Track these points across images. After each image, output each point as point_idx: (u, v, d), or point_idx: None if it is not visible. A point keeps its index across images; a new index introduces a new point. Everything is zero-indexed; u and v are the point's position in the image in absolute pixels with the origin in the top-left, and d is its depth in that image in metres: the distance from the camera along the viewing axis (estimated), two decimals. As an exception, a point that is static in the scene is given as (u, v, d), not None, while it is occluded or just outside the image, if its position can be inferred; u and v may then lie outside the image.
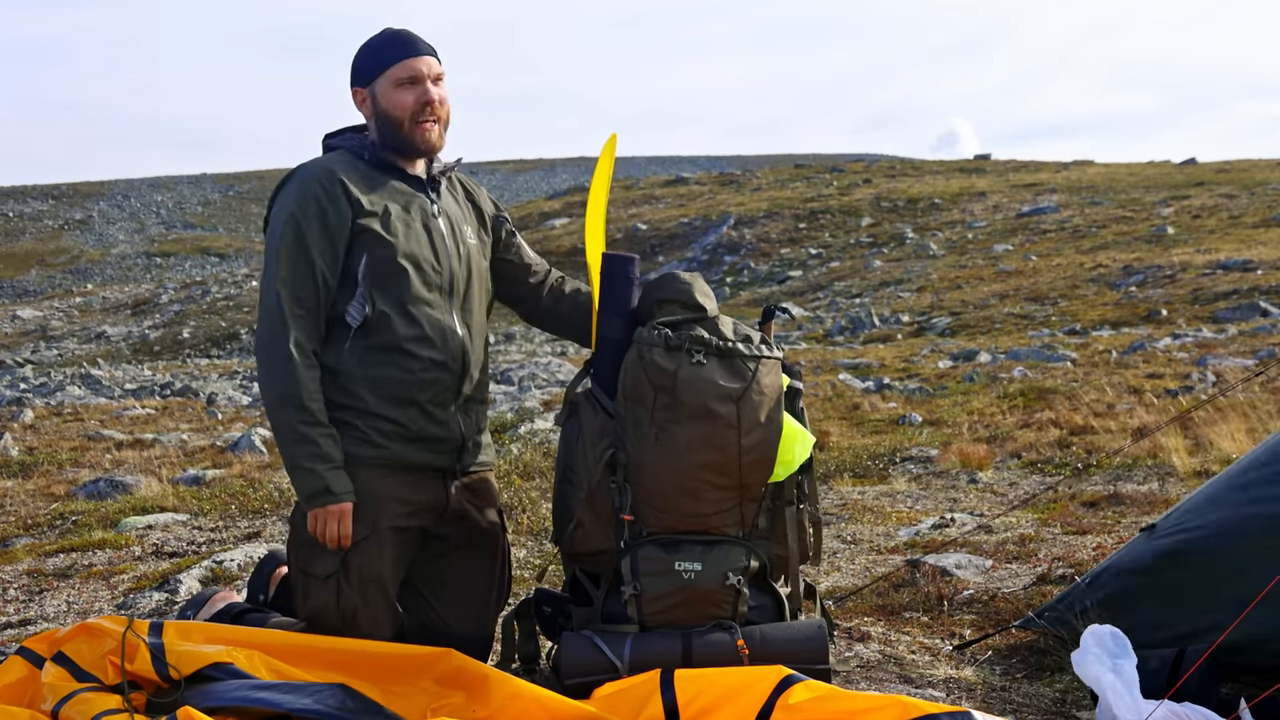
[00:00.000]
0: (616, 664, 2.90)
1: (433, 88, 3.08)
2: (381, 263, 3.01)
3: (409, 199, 3.10)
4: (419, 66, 3.06)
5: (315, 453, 2.92)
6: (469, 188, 3.34)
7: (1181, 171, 44.86)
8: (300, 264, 2.97)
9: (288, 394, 2.93)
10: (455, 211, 3.21)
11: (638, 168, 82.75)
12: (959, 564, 4.40)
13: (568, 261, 37.43)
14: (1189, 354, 13.11)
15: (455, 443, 3.11)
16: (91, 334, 40.15)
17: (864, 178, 50.03)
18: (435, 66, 3.11)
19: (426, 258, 3.06)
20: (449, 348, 3.06)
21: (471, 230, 3.23)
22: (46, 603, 4.42)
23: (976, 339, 19.56)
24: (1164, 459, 6.49)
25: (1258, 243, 26.48)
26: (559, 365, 16.56)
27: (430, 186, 3.16)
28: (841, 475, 6.97)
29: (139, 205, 78.10)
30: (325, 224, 2.98)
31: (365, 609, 3.01)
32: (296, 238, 2.98)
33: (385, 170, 3.11)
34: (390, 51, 3.08)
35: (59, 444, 9.52)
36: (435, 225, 3.11)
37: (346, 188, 3.01)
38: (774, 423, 2.99)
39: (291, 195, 3.03)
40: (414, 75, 3.06)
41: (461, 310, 3.13)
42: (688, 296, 3.08)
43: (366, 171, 3.09)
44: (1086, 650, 2.80)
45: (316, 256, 2.98)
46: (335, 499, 2.92)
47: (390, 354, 3.01)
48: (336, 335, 3.04)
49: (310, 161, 3.11)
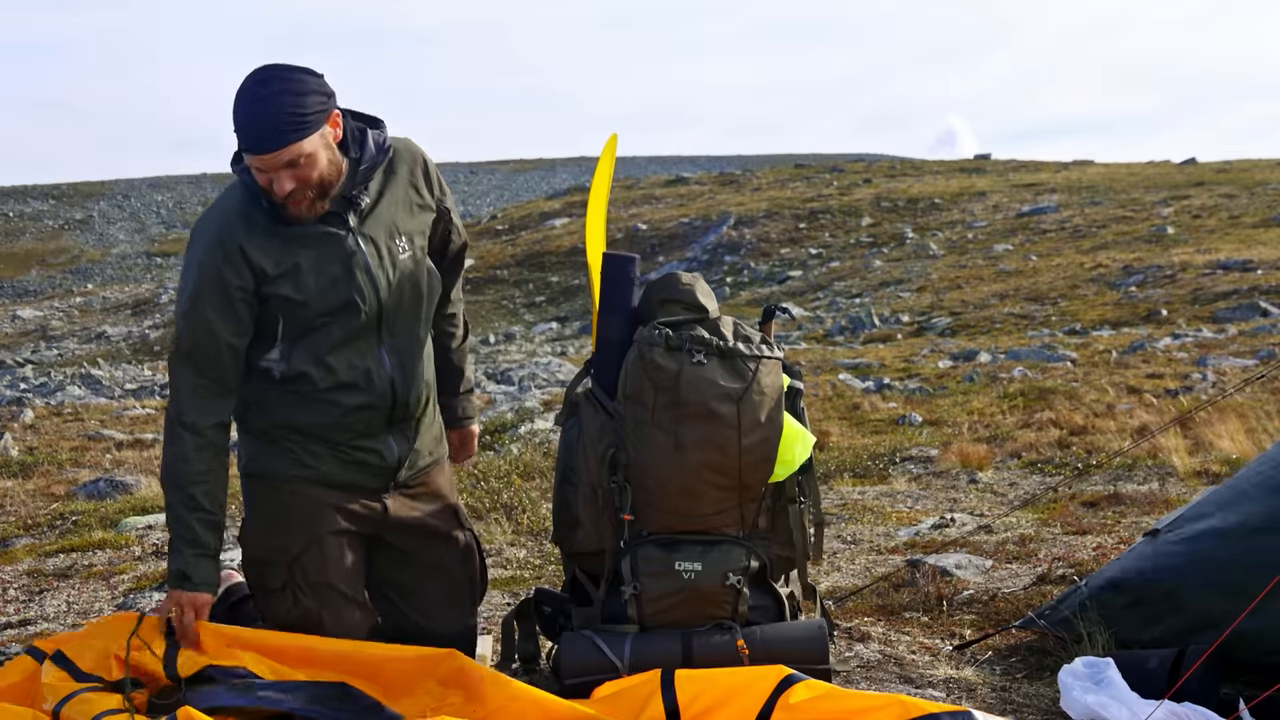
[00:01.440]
0: (616, 664, 2.90)
1: (284, 180, 2.78)
2: (298, 321, 2.91)
3: (321, 244, 2.89)
4: (262, 164, 2.78)
5: (186, 537, 2.91)
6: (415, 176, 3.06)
7: (1181, 171, 44.85)
8: (201, 334, 2.88)
9: (173, 475, 2.93)
10: (386, 221, 2.97)
11: (638, 168, 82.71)
12: (959, 564, 4.40)
13: (568, 261, 37.46)
14: (1189, 354, 13.11)
15: (390, 466, 3.06)
16: (92, 334, 40.16)
17: (864, 178, 50.01)
18: (286, 157, 2.75)
19: (347, 302, 2.91)
20: (374, 388, 2.98)
21: (406, 240, 3.00)
22: (46, 603, 4.42)
23: (976, 339, 19.56)
24: (1164, 459, 6.49)
25: (1258, 243, 26.48)
26: (559, 365, 16.57)
27: (347, 209, 2.91)
28: (841, 475, 6.97)
29: (139, 205, 78.07)
30: (226, 295, 2.85)
31: (327, 610, 2.99)
32: (199, 309, 2.87)
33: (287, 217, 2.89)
34: (240, 138, 2.80)
35: (59, 444, 9.51)
36: (356, 260, 2.91)
37: (246, 255, 2.84)
38: (774, 423, 2.99)
39: (196, 261, 2.89)
40: (260, 167, 2.80)
41: (391, 337, 3.00)
42: (689, 297, 3.08)
43: (267, 225, 2.87)
44: (1068, 689, 2.81)
45: (219, 326, 2.87)
46: (192, 587, 2.89)
47: (312, 402, 2.97)
48: (260, 376, 2.99)
49: (212, 214, 2.94)
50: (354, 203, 2.93)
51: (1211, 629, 2.82)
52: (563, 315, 33.18)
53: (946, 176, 49.39)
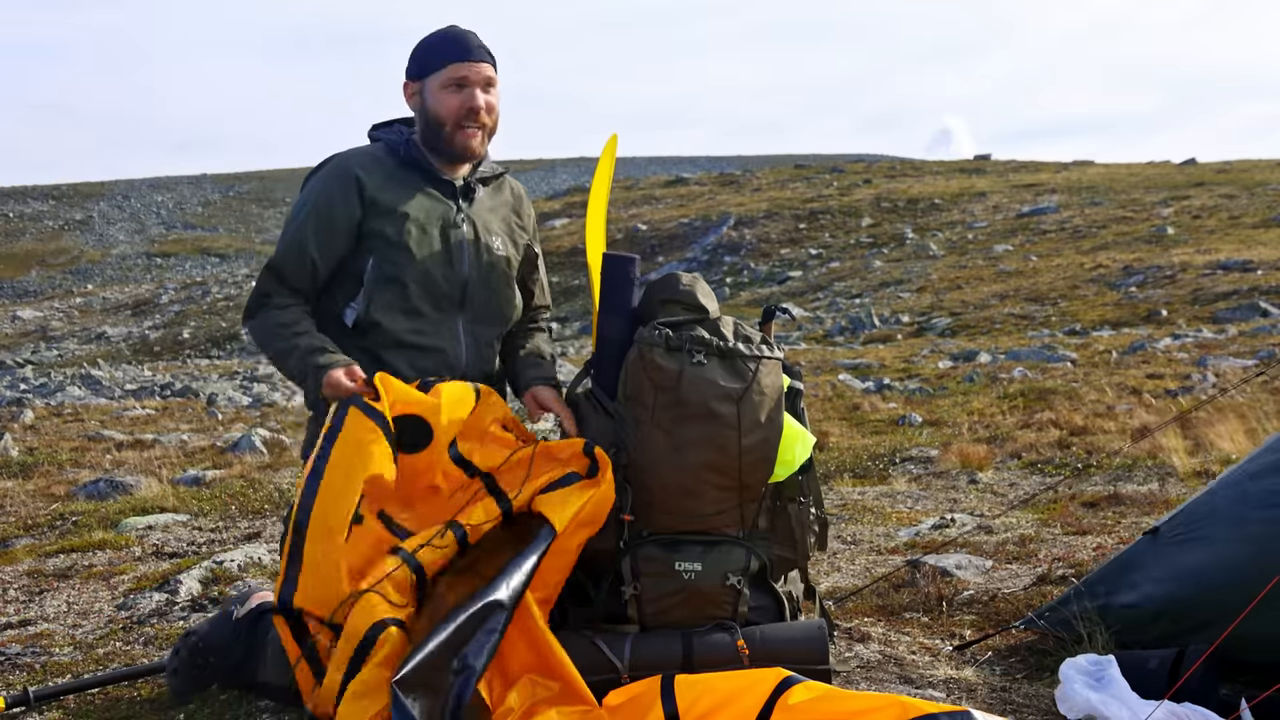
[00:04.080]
0: (617, 664, 2.90)
1: (480, 94, 3.04)
2: (387, 267, 3.00)
3: (432, 203, 3.07)
4: (469, 72, 3.03)
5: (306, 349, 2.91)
6: (519, 204, 3.29)
7: (1181, 172, 44.88)
8: (293, 249, 3.01)
9: (269, 334, 2.97)
10: (487, 220, 3.16)
11: (638, 168, 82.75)
12: (959, 564, 4.40)
13: (568, 262, 37.45)
14: (1189, 354, 13.13)
15: None
16: (92, 334, 40.17)
17: (864, 178, 50.04)
18: (487, 72, 3.06)
19: (437, 266, 3.03)
20: (446, 356, 3.05)
21: (502, 241, 3.17)
22: (46, 603, 4.42)
23: (976, 339, 19.57)
24: (1164, 459, 6.50)
25: (1258, 243, 26.50)
26: (559, 366, 16.55)
27: (463, 193, 3.13)
28: (841, 475, 6.97)
29: (139, 206, 78.11)
30: (331, 216, 2.99)
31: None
32: (299, 226, 3.01)
33: (414, 170, 3.09)
34: (445, 51, 3.04)
35: (59, 444, 9.52)
36: (456, 234, 3.07)
37: (362, 186, 3.00)
38: (774, 423, 2.99)
39: (310, 185, 3.06)
40: (462, 79, 3.03)
41: (471, 321, 3.11)
42: (690, 298, 3.08)
43: (393, 170, 3.07)
44: (1069, 683, 2.81)
45: (311, 245, 2.99)
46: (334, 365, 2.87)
47: (380, 358, 3.00)
48: (334, 326, 3.05)
49: (341, 153, 3.11)
50: (469, 188, 3.14)
51: (1211, 629, 2.82)
52: (563, 315, 33.19)
53: (946, 177, 49.42)
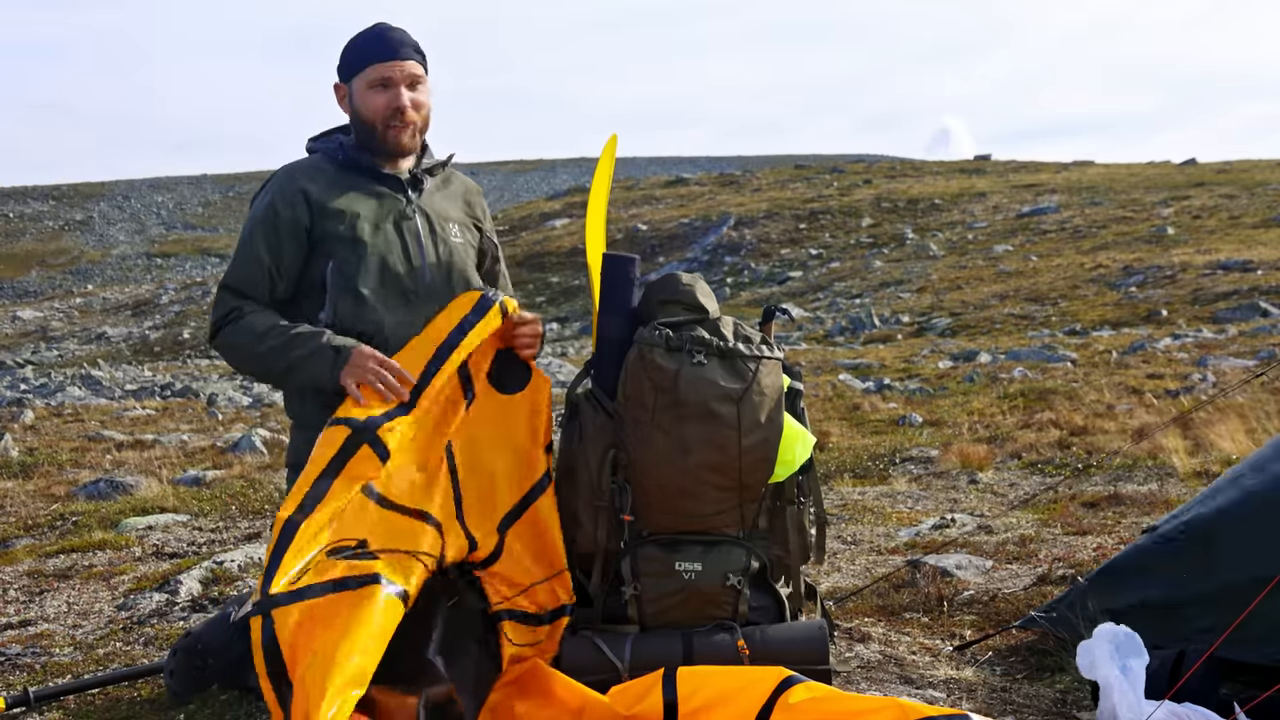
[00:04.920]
0: (617, 664, 2.90)
1: (405, 93, 3.00)
2: (347, 267, 2.97)
3: (380, 199, 3.05)
4: (393, 71, 3.00)
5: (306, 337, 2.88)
6: (470, 195, 3.27)
7: (1181, 172, 44.88)
8: (247, 262, 2.99)
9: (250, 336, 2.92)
10: (440, 209, 3.14)
11: (638, 168, 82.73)
12: (959, 564, 4.40)
13: (568, 262, 37.49)
14: (1189, 354, 13.13)
15: None
16: (92, 335, 40.17)
17: (864, 178, 50.05)
18: (412, 69, 3.02)
19: (396, 261, 3.01)
20: None
21: (458, 228, 3.16)
22: (47, 603, 4.42)
23: (977, 339, 19.57)
24: (1164, 460, 6.50)
25: (1258, 243, 26.51)
26: (559, 365, 16.57)
27: (411, 185, 3.10)
28: (842, 475, 6.97)
29: (139, 206, 78.12)
30: (277, 225, 2.96)
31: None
32: (249, 241, 2.99)
33: (356, 172, 3.06)
34: (368, 52, 3.02)
35: (59, 445, 9.52)
36: (409, 225, 3.05)
37: (307, 194, 2.97)
38: (774, 423, 2.99)
39: (255, 204, 3.05)
40: (387, 79, 3.00)
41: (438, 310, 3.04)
42: (690, 298, 3.08)
43: (335, 175, 3.04)
44: (1096, 647, 2.78)
45: (264, 252, 2.96)
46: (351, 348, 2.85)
47: None
48: None
49: (281, 167, 3.09)
50: (416, 180, 3.10)
51: (1211, 629, 2.82)
52: (563, 316, 33.21)
53: (946, 177, 49.43)
